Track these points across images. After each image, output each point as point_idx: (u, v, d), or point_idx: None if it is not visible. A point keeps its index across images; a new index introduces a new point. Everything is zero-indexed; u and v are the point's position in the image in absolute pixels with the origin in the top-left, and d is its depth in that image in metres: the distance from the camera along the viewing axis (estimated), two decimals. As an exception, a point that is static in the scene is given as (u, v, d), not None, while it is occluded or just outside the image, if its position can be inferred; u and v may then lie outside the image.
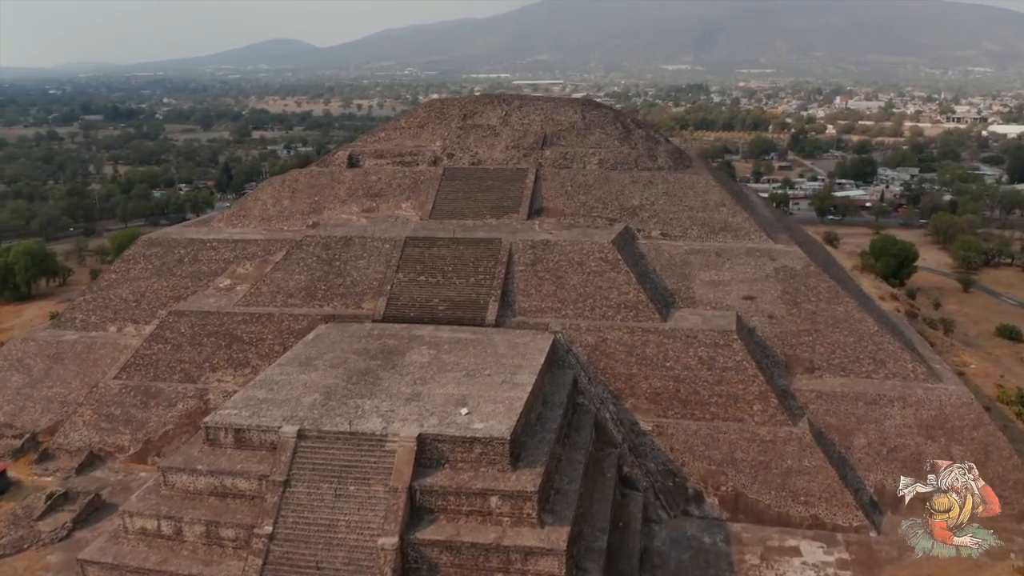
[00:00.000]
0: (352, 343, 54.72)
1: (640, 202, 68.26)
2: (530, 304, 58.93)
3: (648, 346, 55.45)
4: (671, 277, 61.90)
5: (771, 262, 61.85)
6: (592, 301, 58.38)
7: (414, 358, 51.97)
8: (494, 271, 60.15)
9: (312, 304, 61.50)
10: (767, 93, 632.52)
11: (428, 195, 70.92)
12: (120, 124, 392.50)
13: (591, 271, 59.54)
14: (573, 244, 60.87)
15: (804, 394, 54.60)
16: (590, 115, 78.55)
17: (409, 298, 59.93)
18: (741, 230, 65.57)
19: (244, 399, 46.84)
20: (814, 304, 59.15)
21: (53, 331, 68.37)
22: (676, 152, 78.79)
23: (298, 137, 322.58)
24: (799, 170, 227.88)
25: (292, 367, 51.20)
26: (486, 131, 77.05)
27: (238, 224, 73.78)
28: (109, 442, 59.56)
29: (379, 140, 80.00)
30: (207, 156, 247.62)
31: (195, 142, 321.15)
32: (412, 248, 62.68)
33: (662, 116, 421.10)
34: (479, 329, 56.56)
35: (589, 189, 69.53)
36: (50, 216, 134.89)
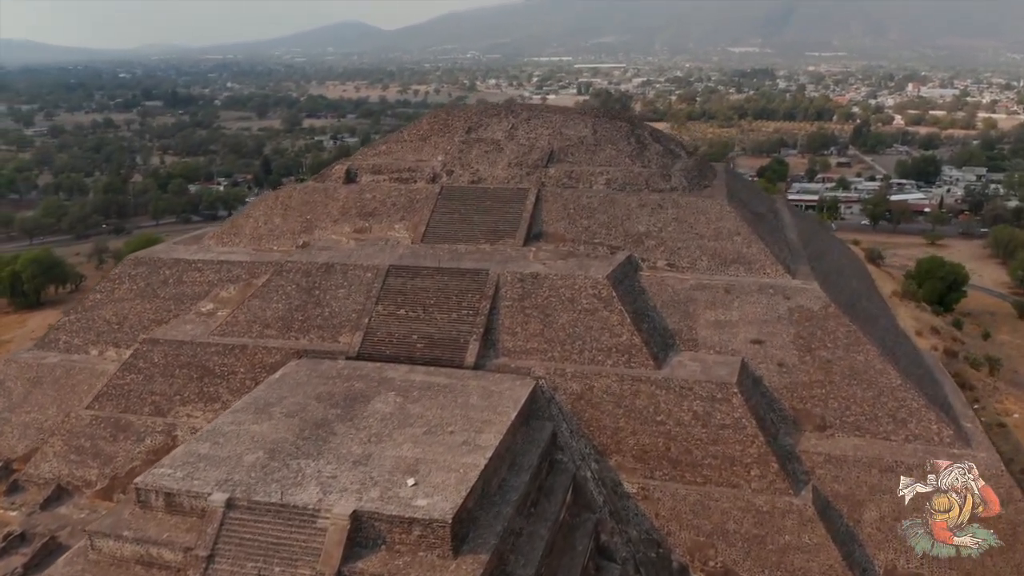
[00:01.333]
0: (317, 386, 51.08)
1: (647, 228, 62.83)
2: (515, 344, 54.38)
3: (638, 397, 50.41)
4: (673, 315, 56.54)
5: (785, 301, 55.93)
6: (581, 343, 53.51)
7: (377, 407, 48.06)
8: (478, 306, 55.73)
9: (288, 336, 58.11)
10: (836, 79, 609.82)
11: (422, 216, 66.75)
12: (178, 111, 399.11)
13: (582, 309, 54.63)
14: (565, 278, 55.99)
15: (811, 457, 48.90)
16: (602, 129, 73.12)
17: (387, 333, 55.98)
18: (755, 262, 59.64)
19: (184, 455, 43.59)
20: (830, 351, 53.14)
21: (36, 352, 66.64)
22: (696, 169, 72.85)
23: (347, 127, 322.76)
24: (858, 168, 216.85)
25: (246, 415, 47.81)
26: (489, 146, 72.38)
27: (228, 242, 70.90)
28: (77, 476, 57.31)
29: (380, 153, 76.09)
30: (252, 147, 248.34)
31: (245, 131, 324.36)
32: (394, 278, 58.68)
33: (720, 105, 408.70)
34: (456, 372, 52.28)
35: (593, 213, 64.37)
36: (80, 214, 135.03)
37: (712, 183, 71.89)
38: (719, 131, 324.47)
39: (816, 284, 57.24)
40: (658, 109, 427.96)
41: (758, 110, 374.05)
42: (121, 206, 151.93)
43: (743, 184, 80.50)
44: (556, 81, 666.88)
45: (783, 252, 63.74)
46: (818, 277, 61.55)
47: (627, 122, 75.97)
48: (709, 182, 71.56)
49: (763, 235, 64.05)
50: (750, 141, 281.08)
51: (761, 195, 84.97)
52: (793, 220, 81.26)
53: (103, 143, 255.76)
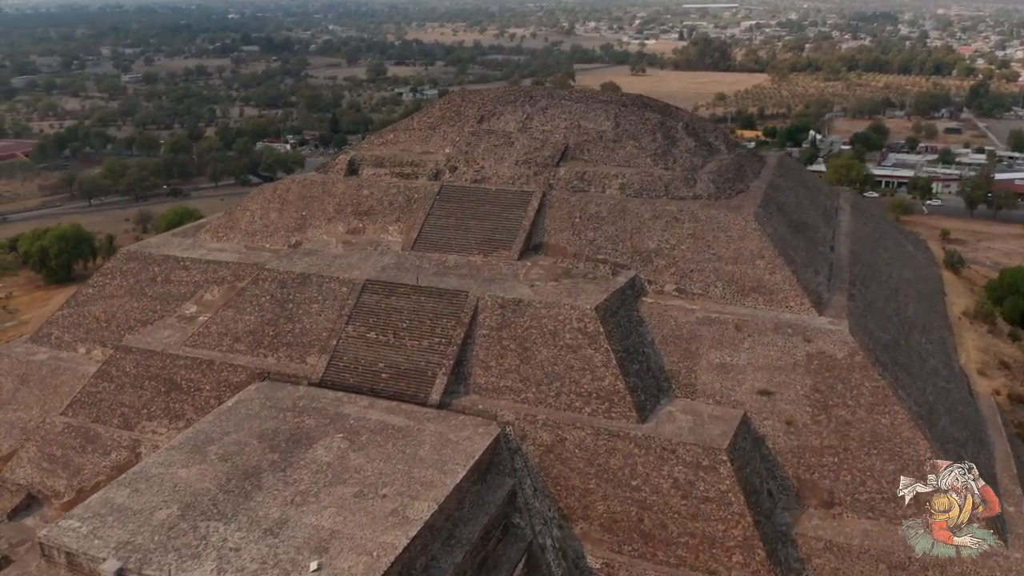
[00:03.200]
0: (266, 420, 47.14)
1: (658, 245, 55.41)
2: (487, 380, 48.80)
3: (613, 456, 44.21)
4: (672, 354, 49.55)
5: (804, 345, 47.98)
6: (559, 384, 47.43)
7: (318, 454, 43.71)
8: (452, 334, 50.25)
9: (257, 352, 54.36)
10: (964, 24, 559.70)
11: (417, 218, 61.28)
12: (271, 57, 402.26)
13: (564, 344, 48.35)
14: (549, 307, 49.67)
15: (809, 542, 41.79)
16: (625, 122, 65.17)
17: (353, 359, 51.34)
18: (777, 292, 51.57)
19: (99, 504, 40.56)
20: (850, 411, 45.25)
21: (28, 346, 65.56)
22: (732, 169, 64.11)
23: (430, 78, 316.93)
24: (970, 135, 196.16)
25: (180, 453, 44.38)
26: (500, 139, 65.75)
27: (223, 237, 67.49)
28: (48, 485, 55.88)
29: (387, 143, 70.56)
30: (329, 101, 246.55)
31: (331, 79, 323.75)
32: (369, 295, 53.76)
33: (828, 55, 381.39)
34: (416, 412, 47.25)
35: (600, 223, 57.32)
36: (138, 176, 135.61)
37: (749, 186, 63.15)
38: (823, 85, 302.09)
39: (846, 324, 48.84)
40: (760, 59, 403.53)
41: (870, 62, 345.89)
42: (184, 167, 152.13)
43: (794, 183, 70.97)
44: (658, 24, 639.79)
45: (817, 277, 55.14)
46: (857, 308, 53.06)
47: (658, 112, 67.57)
48: (745, 185, 62.86)
49: (796, 255, 55.60)
50: (854, 99, 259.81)
51: (818, 193, 75.06)
52: (853, 224, 71.45)
53: (188, 94, 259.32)
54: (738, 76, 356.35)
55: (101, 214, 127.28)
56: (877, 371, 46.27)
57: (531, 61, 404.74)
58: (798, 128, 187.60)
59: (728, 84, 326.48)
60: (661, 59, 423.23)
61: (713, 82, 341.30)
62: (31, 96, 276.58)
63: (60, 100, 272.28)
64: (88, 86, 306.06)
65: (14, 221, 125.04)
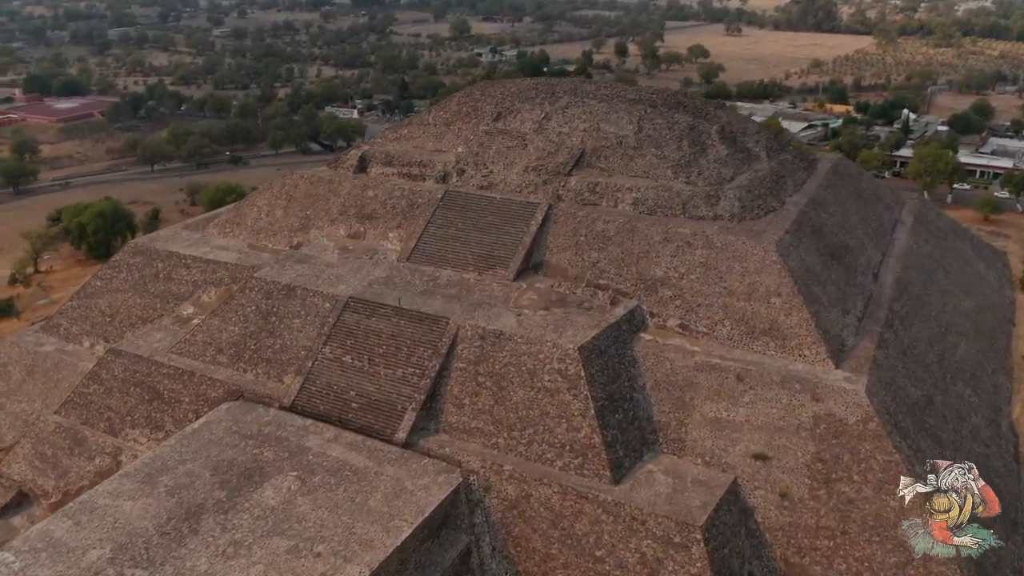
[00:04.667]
0: (226, 448, 45.23)
1: (666, 272, 50.22)
2: (458, 419, 45.36)
3: (580, 519, 40.27)
4: (664, 402, 44.85)
5: (812, 404, 42.46)
6: (532, 431, 43.56)
7: (265, 495, 41.46)
8: (427, 365, 46.90)
9: (237, 366, 52.48)
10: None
11: (417, 226, 57.74)
12: (360, 11, 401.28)
13: (542, 387, 44.31)
14: (531, 343, 45.57)
15: (788, 640, 37.05)
16: (650, 126, 59.40)
17: (326, 384, 48.71)
18: (791, 338, 45.84)
19: (38, 536, 39.55)
20: (855, 488, 39.81)
21: (38, 336, 65.77)
22: (766, 182, 57.64)
23: (512, 37, 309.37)
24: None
25: (131, 483, 42.97)
26: (513, 140, 61.14)
27: (229, 233, 65.70)
28: (38, 484, 55.96)
29: (400, 138, 66.90)
30: (405, 62, 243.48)
31: (415, 36, 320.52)
32: (350, 313, 50.84)
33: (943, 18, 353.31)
34: (379, 452, 44.28)
35: (606, 244, 52.43)
36: (198, 143, 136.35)
37: (784, 202, 56.71)
38: (932, 52, 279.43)
39: (864, 382, 42.93)
40: (867, 20, 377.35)
41: (987, 27, 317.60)
42: (247, 132, 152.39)
43: (844, 194, 63.65)
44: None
45: (845, 318, 48.92)
46: (887, 358, 46.88)
47: (690, 114, 61.31)
48: (780, 201, 56.44)
49: (824, 291, 49.46)
50: (965, 69, 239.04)
51: (875, 205, 67.23)
52: (910, 243, 63.83)
53: (270, 51, 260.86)
54: (841, 39, 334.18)
55: (159, 182, 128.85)
56: (892, 442, 40.44)
57: (622, 18, 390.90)
58: (893, 104, 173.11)
59: (828, 48, 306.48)
60: (761, 17, 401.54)
61: (813, 45, 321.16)
62: (123, 50, 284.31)
63: (150, 55, 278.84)
64: (178, 40, 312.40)
65: (75, 186, 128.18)
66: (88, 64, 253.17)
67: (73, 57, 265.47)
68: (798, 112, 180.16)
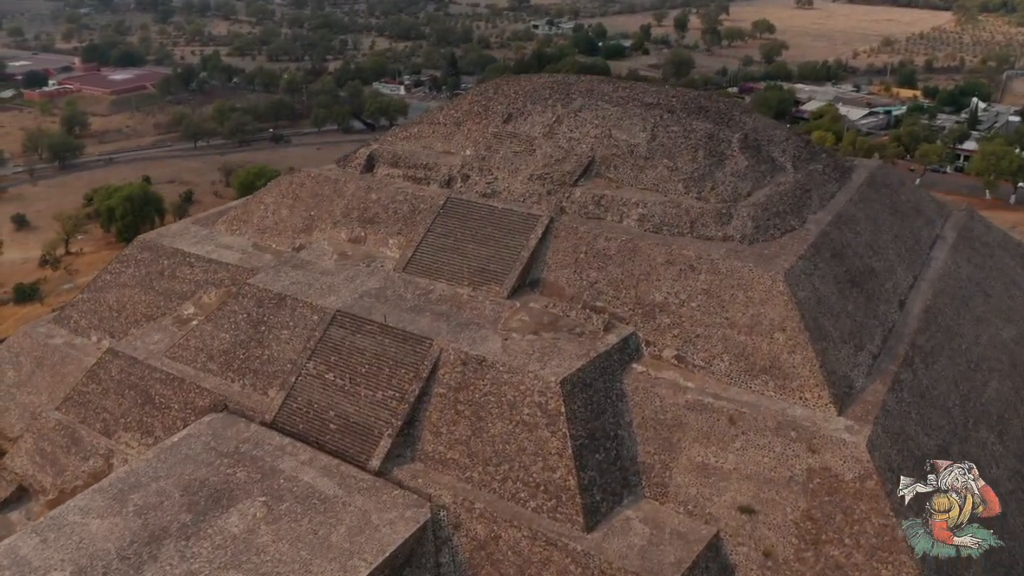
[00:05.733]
0: (200, 465, 44.61)
1: (666, 298, 47.32)
2: (435, 448, 43.71)
3: (547, 568, 38.36)
4: (650, 442, 42.35)
5: (807, 455, 39.44)
6: (508, 467, 41.63)
7: (230, 522, 40.67)
8: (407, 388, 45.27)
9: (226, 375, 51.78)
10: None
11: (417, 234, 55.87)
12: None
13: (521, 420, 42.25)
14: (512, 372, 43.46)
15: None
16: (664, 134, 55.98)
17: (307, 402, 47.56)
18: (792, 378, 42.64)
19: (3, 553, 39.56)
20: (845, 552, 36.87)
21: (50, 327, 66.32)
22: (787, 198, 53.78)
23: (571, 8, 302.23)
24: None
25: (104, 499, 42.75)
26: (521, 145, 58.48)
27: (236, 230, 64.91)
28: (38, 479, 56.57)
29: (410, 137, 64.81)
30: (460, 34, 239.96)
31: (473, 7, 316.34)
32: (337, 328, 49.45)
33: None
34: (350, 479, 42.97)
35: (606, 263, 49.70)
36: (240, 120, 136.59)
37: (806, 219, 52.85)
38: (1013, 32, 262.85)
39: (867, 433, 39.62)
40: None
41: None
42: (291, 109, 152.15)
43: (878, 208, 59.12)
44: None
45: (857, 355, 45.30)
46: (899, 402, 43.35)
47: (711, 121, 57.56)
48: (800, 219, 52.57)
49: (836, 324, 45.88)
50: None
51: (914, 220, 62.32)
52: (948, 264, 59.11)
53: (327, 22, 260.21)
54: (918, 14, 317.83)
55: (201, 159, 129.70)
56: (890, 504, 37.25)
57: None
58: (963, 91, 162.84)
59: (904, 25, 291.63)
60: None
61: (888, 20, 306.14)
62: (185, 18, 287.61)
63: (210, 23, 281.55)
64: (239, 8, 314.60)
65: (119, 162, 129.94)
66: (149, 32, 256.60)
67: (136, 24, 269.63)
68: (860, 97, 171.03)
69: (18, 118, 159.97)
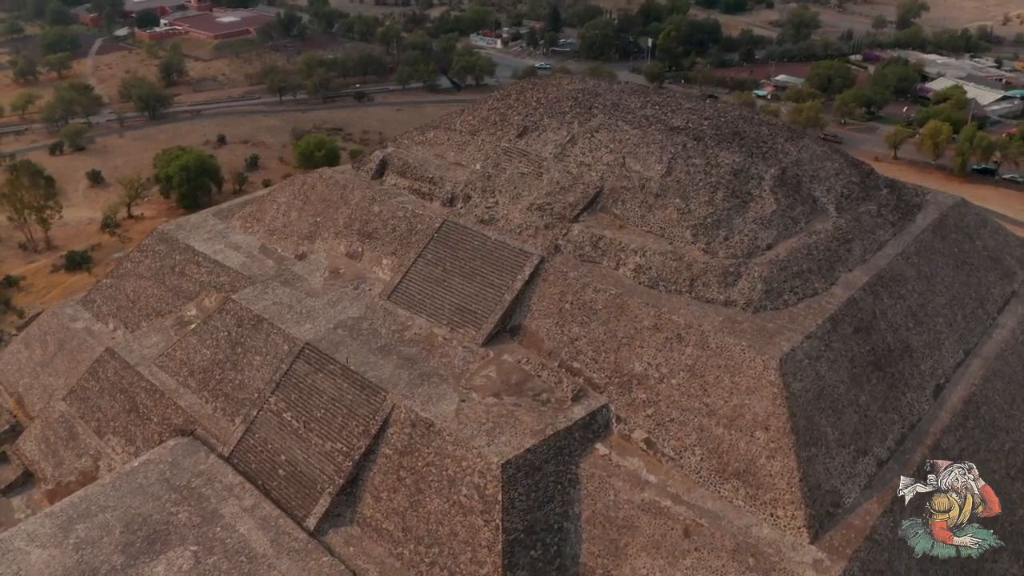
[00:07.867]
0: (149, 499, 44.43)
1: (646, 370, 42.33)
2: (373, 515, 41.36)
3: (456, 674, 35.54)
4: (596, 542, 38.34)
5: (760, 589, 34.39)
6: (437, 551, 38.76)
7: (156, 572, 40.00)
8: (355, 444, 42.88)
9: (202, 393, 51.10)
10: None
11: (408, 259, 52.70)
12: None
13: (457, 501, 39.10)
14: (457, 445, 40.15)
15: None
16: (682, 167, 49.64)
17: (262, 440, 46.09)
18: (766, 489, 37.25)
19: (-58, 579, 40.41)
20: None
21: (75, 309, 67.80)
22: (815, 255, 46.71)
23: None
24: None
25: (50, 526, 43.27)
26: (529, 165, 53.64)
27: (248, 229, 63.70)
28: (42, 467, 58.48)
29: (425, 142, 60.94)
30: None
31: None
32: (302, 363, 47.43)
33: None
34: (285, 536, 41.38)
35: (590, 319, 44.98)
36: (323, 77, 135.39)
37: (836, 280, 45.74)
38: None
39: (837, 572, 34.12)
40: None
41: None
42: (379, 63, 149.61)
43: (940, 262, 50.72)
44: None
45: (856, 463, 39.04)
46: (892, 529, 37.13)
47: (743, 153, 50.56)
48: (824, 282, 45.41)
49: (837, 423, 39.68)
50: None
51: (986, 274, 53.35)
52: (1019, 331, 50.74)
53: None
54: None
55: (280, 116, 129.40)
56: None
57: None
58: None
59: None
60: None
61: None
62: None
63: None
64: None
65: (205, 115, 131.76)
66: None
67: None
68: (998, 75, 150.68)
69: (125, 60, 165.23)
